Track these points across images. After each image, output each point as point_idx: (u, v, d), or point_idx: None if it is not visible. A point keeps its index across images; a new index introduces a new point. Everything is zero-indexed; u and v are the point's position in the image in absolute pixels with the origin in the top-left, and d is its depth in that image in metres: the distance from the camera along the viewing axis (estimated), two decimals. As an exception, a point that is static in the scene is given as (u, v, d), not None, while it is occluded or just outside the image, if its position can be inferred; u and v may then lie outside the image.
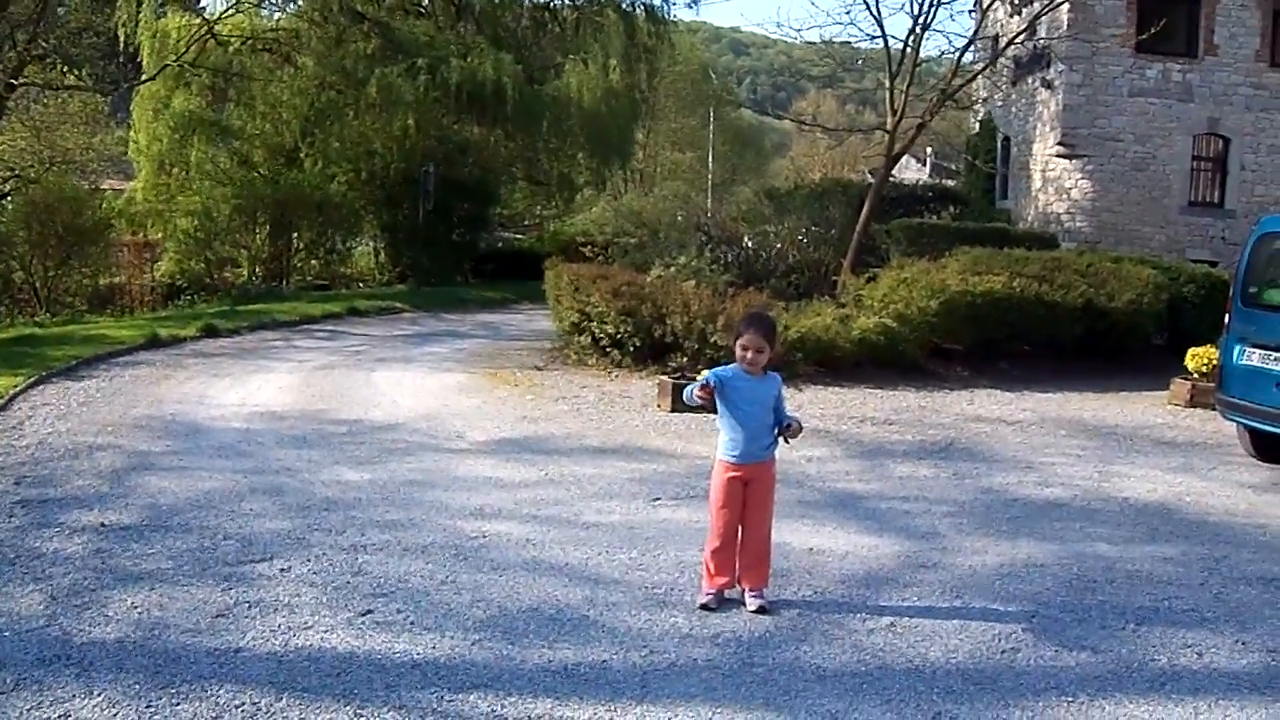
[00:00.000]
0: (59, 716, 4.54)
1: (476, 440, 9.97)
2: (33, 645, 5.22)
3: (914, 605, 5.95)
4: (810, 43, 22.21)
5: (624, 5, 30.64)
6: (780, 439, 5.96)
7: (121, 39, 27.46)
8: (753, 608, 5.75)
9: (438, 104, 26.71)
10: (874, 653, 5.27)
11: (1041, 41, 24.86)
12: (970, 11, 28.46)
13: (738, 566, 5.91)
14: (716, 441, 6.01)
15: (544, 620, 5.57)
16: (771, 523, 6.03)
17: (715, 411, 5.97)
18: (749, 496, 5.90)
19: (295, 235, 27.27)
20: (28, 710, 4.58)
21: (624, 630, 5.47)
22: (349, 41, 26.98)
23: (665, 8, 34.50)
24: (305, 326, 18.88)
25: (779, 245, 17.34)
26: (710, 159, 47.76)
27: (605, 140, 29.75)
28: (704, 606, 5.77)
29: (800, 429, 6.03)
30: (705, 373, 5.96)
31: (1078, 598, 6.18)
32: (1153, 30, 21.21)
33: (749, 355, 5.84)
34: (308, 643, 5.25)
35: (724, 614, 5.70)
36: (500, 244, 33.42)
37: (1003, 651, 5.37)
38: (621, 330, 13.88)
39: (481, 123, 28.26)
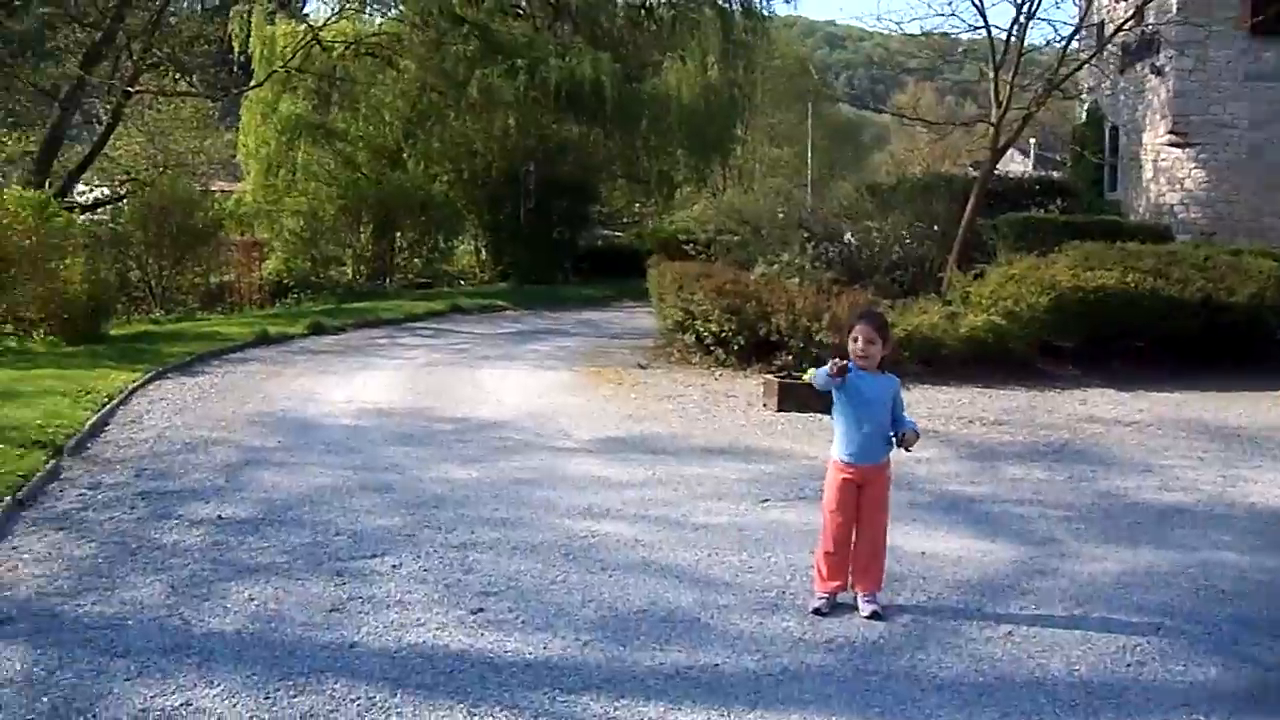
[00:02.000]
0: (180, 705, 4.61)
1: (583, 439, 9.97)
2: (155, 634, 5.33)
3: (1032, 614, 5.78)
4: (911, 35, 21.84)
5: (720, 1, 30.56)
6: (896, 444, 5.84)
7: (234, 47, 28.09)
8: (866, 613, 5.65)
9: (537, 104, 26.88)
10: (992, 663, 5.14)
11: (1150, 27, 24.18)
12: (1075, -2, 27.90)
13: (850, 570, 5.82)
14: (830, 442, 5.92)
15: (655, 622, 5.53)
16: (886, 526, 5.93)
17: (829, 411, 5.87)
18: (863, 499, 5.79)
19: (398, 234, 27.61)
20: (151, 698, 4.67)
21: (736, 634, 5.41)
22: (449, 44, 27.25)
23: (762, 2, 34.39)
24: (409, 324, 19.09)
25: (882, 241, 17.13)
26: (809, 154, 47.41)
27: (704, 137, 29.69)
28: (816, 611, 5.68)
29: (917, 436, 5.88)
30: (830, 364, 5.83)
31: (1207, 609, 5.93)
32: (1271, 11, 20.45)
33: (859, 346, 5.73)
34: (420, 640, 5.28)
35: (837, 619, 5.61)
36: (599, 241, 33.51)
37: (1128, 665, 5.18)
38: (726, 329, 13.81)
39: (580, 121, 28.37)
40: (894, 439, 5.81)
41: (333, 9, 28.02)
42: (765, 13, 32.20)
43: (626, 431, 10.37)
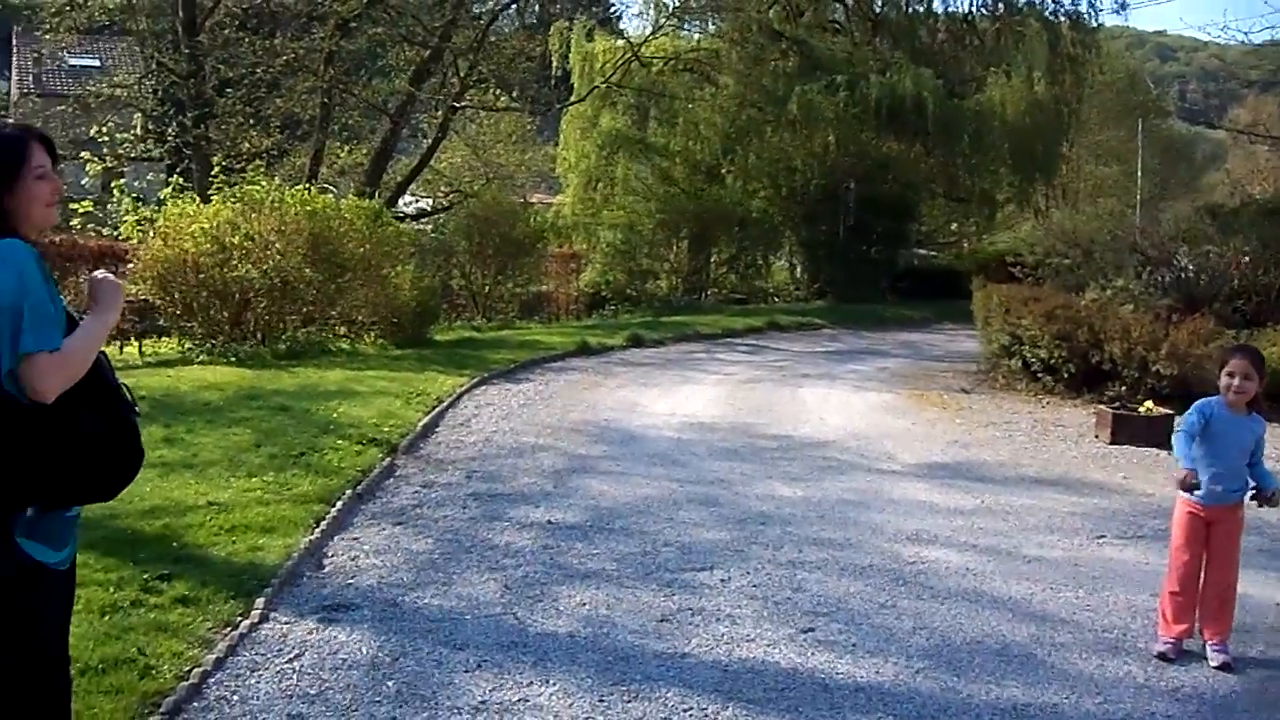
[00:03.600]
0: (518, 700, 4.76)
1: (908, 462, 9.77)
2: (491, 630, 5.52)
3: None
4: (1255, 45, 20.47)
5: (1047, 13, 29.57)
6: (1254, 499, 5.45)
7: (553, 63, 29.06)
8: (1216, 663, 5.29)
9: (857, 120, 26.66)
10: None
11: None
12: None
13: (1198, 615, 5.47)
14: (1173, 478, 5.57)
15: (988, 654, 5.35)
16: (1238, 571, 5.54)
17: (1167, 445, 5.54)
18: (1212, 539, 5.43)
19: (715, 249, 27.86)
20: (490, 691, 4.85)
21: (1074, 673, 5.17)
22: (768, 60, 27.39)
23: (1091, 14, 32.96)
24: (727, 339, 19.22)
25: (1224, 267, 16.07)
26: (1139, 173, 45.14)
27: (1028, 155, 28.79)
28: (1161, 656, 5.37)
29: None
30: (1186, 416, 5.49)
31: None
32: None
33: (1235, 383, 5.38)
34: (751, 655, 5.28)
35: (1183, 666, 5.28)
36: (917, 261, 32.90)
37: None
38: (1055, 355, 13.28)
39: (900, 138, 27.99)
40: (1251, 496, 5.43)
41: (652, 25, 28.58)
42: (1093, 24, 30.95)
43: (952, 457, 10.09)
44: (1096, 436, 11.07)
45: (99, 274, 3.16)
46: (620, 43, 28.57)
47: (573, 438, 10.42)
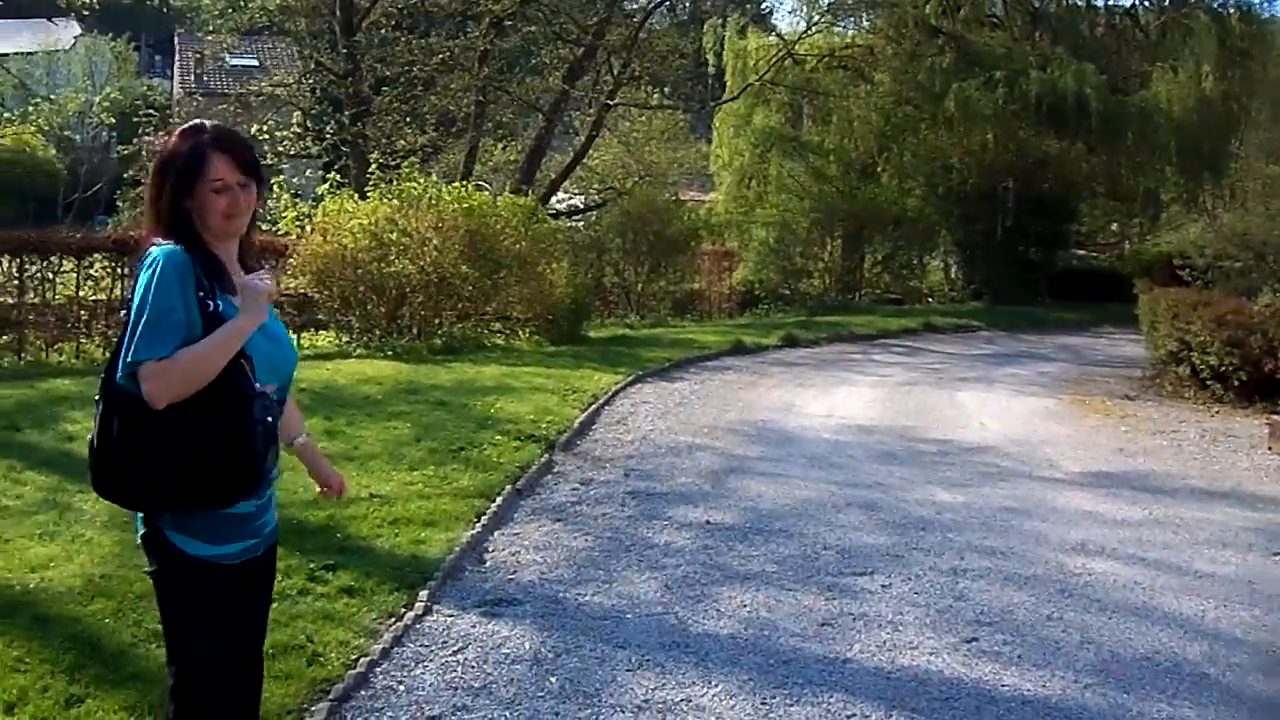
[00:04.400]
0: (680, 700, 4.80)
1: (1071, 471, 9.52)
2: (653, 629, 5.57)
3: None
4: None
5: (1215, 5, 28.52)
6: None
7: (707, 61, 29.05)
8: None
9: (1015, 117, 26.05)
10: None
11: None
12: None
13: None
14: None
15: (1159, 672, 5.22)
16: None
17: None
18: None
19: (869, 249, 27.57)
20: (652, 690, 4.90)
21: (1250, 696, 5.02)
22: (924, 56, 26.93)
23: (1263, 6, 31.69)
24: (882, 340, 18.99)
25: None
26: (1314, 172, 43.26)
27: (1196, 153, 27.77)
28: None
29: None
30: None
31: None
32: None
33: None
34: (914, 663, 5.24)
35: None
36: (1076, 262, 32.03)
37: None
38: (1225, 363, 12.82)
39: (1061, 136, 27.24)
40: None
41: (805, 22, 28.36)
42: (1265, 16, 29.77)
43: (1117, 466, 9.80)
44: (1270, 448, 10.65)
45: (252, 275, 3.16)
46: (773, 40, 28.42)
47: (729, 438, 10.42)
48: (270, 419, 3.09)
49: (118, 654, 5.03)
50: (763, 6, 46.43)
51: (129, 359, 2.94)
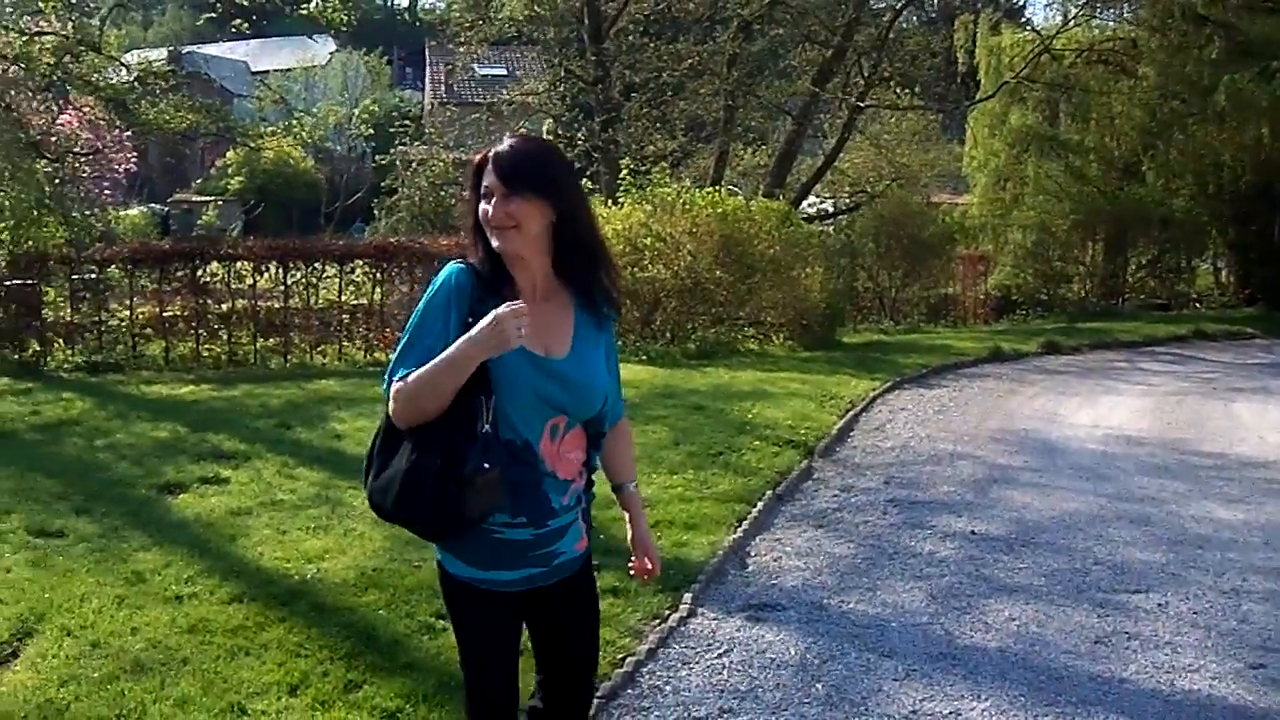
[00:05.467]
0: (949, 713, 4.79)
1: (1364, 489, 8.96)
2: (919, 640, 5.55)
3: None
4: None
5: None
6: None
7: (959, 59, 28.44)
8: None
9: (1292, 109, 24.61)
10: None
11: None
12: None
13: None
14: None
15: None
16: None
17: None
18: None
19: (1132, 252, 26.54)
20: (920, 701, 4.89)
21: None
22: (1191, 47, 25.66)
23: None
24: (1148, 348, 18.21)
25: None
26: None
27: None
28: None
29: None
30: None
31: None
32: None
33: None
34: (1194, 687, 5.06)
35: None
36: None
37: None
38: None
39: (1349, 128, 25.58)
40: None
41: (1063, 16, 27.40)
42: None
43: None
44: None
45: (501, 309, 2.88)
46: (1029, 35, 27.62)
47: (991, 446, 10.20)
48: (492, 465, 2.90)
49: (392, 643, 5.32)
50: (1016, 1, 45.21)
51: (385, 379, 3.01)
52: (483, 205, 3.01)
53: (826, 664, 5.27)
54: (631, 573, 3.52)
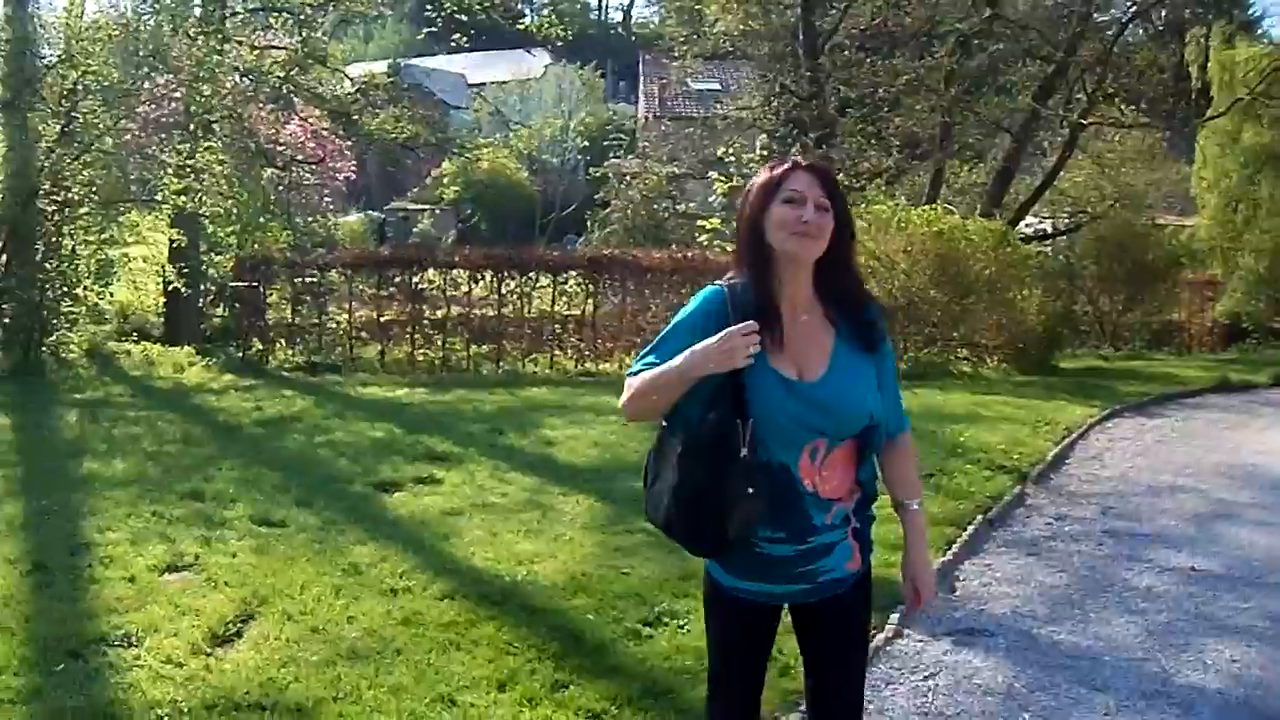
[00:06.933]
0: (1169, 753, 4.65)
1: None
2: (1132, 675, 5.41)
3: None
4: None
5: None
6: None
7: (1191, 74, 27.35)
8: None
9: None
10: None
11: None
12: None
13: None
14: None
15: None
16: None
17: None
18: None
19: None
20: (1131, 739, 4.76)
21: None
22: None
23: None
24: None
25: None
26: None
27: None
28: None
29: None
30: None
31: None
32: None
33: None
34: None
35: None
36: None
37: None
38: None
39: None
40: None
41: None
42: None
43: None
44: None
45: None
46: (1266, 49, 26.40)
47: (1215, 480, 9.82)
48: (756, 490, 2.93)
49: (599, 647, 5.45)
50: (1250, 11, 43.24)
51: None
52: (788, 210, 3.02)
53: (1035, 694, 5.18)
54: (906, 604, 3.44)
